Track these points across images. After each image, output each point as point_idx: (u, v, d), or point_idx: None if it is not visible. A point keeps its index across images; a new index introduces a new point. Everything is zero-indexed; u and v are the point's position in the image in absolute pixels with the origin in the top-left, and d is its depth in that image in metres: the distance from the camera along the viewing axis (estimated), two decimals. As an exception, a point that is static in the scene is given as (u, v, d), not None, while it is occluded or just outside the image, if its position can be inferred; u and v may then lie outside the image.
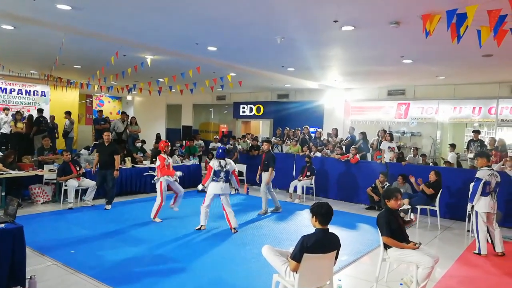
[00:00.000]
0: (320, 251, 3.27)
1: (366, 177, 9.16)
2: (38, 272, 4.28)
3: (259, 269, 4.77)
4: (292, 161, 10.69)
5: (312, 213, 3.41)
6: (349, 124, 12.92)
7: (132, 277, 4.47)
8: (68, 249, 5.31)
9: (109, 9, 5.63)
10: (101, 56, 8.85)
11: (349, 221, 7.51)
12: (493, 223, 5.80)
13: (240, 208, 8.49)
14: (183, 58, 8.80)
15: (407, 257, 4.07)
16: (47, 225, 6.59)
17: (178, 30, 6.64)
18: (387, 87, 12.62)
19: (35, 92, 15.05)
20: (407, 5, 4.82)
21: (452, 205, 7.99)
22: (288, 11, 5.29)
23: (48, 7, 5.49)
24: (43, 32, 6.97)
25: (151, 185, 9.77)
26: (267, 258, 3.63)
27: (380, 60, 8.31)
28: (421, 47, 6.94)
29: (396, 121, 12.59)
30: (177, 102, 19.29)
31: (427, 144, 12.06)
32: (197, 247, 5.71)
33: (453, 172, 8.41)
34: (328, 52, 7.79)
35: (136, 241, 5.86)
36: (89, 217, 7.21)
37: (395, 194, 4.20)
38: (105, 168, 7.92)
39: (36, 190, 8.12)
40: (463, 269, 5.23)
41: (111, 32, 6.96)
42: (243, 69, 10.13)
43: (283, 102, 15.34)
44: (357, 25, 5.74)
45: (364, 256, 5.60)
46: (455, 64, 8.50)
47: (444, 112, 11.71)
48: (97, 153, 8.24)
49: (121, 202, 8.61)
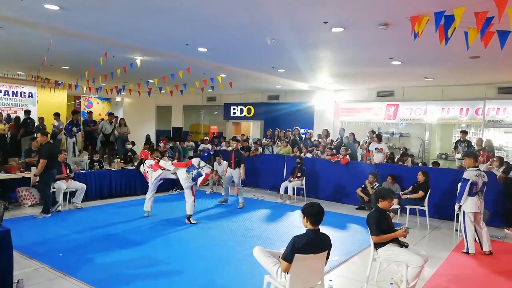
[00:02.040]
0: (311, 251, 3.28)
1: (356, 177, 9.22)
2: (26, 276, 4.21)
3: (250, 270, 4.76)
4: (283, 162, 10.71)
5: (303, 213, 3.42)
6: (339, 125, 13.00)
7: (122, 280, 4.42)
8: (57, 252, 5.23)
9: (97, 10, 5.58)
10: (89, 57, 8.75)
11: (339, 222, 7.55)
12: (481, 222, 5.88)
13: (229, 210, 8.48)
14: (173, 59, 8.75)
15: (397, 256, 4.11)
16: (34, 228, 6.48)
17: (168, 31, 6.60)
18: (376, 89, 12.74)
19: (22, 93, 14.81)
20: (396, 7, 4.87)
21: (441, 205, 8.08)
22: (278, 12, 5.30)
23: (35, 7, 5.42)
24: (31, 32, 6.87)
25: (141, 187, 9.74)
26: (258, 259, 3.63)
27: (369, 61, 8.38)
28: (409, 48, 7.02)
29: (385, 122, 12.70)
30: (167, 104, 19.18)
31: (416, 145, 12.19)
32: (187, 249, 5.69)
33: (441, 173, 8.51)
34: (318, 53, 7.83)
35: (125, 243, 5.80)
36: (78, 220, 7.11)
37: (391, 195, 4.25)
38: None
39: (23, 193, 8.00)
40: (452, 268, 5.29)
41: (100, 32, 6.89)
42: (233, 70, 10.12)
43: (273, 103, 15.37)
44: (347, 27, 5.78)
45: (354, 256, 5.63)
46: (443, 66, 8.61)
47: (432, 113, 11.86)
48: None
49: (110, 205, 8.53)
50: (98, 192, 8.94)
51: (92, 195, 8.71)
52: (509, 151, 11.04)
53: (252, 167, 10.79)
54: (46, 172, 7.05)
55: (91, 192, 8.66)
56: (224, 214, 8.04)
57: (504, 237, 7.02)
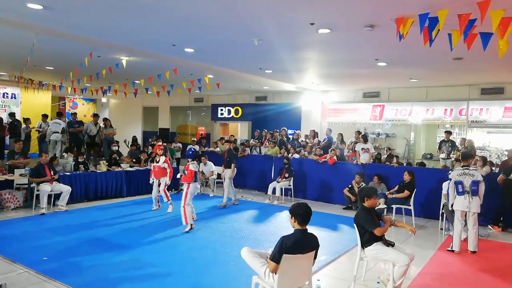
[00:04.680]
0: (299, 251, 3.29)
1: (343, 178, 9.30)
2: (9, 280, 4.12)
3: (238, 271, 4.75)
4: (271, 163, 10.73)
5: (291, 213, 3.43)
6: (326, 126, 13.09)
7: (109, 283, 4.36)
8: (41, 256, 5.13)
9: (82, 9, 5.49)
10: (74, 57, 8.61)
11: (326, 222, 7.59)
12: (471, 221, 5.88)
13: (219, 211, 8.46)
14: (159, 59, 8.68)
15: (383, 255, 4.15)
16: (18, 231, 6.35)
17: (154, 31, 6.55)
18: (362, 90, 12.86)
19: (5, 94, 14.53)
20: (381, 9, 4.93)
21: (426, 205, 8.20)
22: (265, 13, 5.31)
23: (18, 6, 5.32)
24: (13, 32, 6.74)
25: (128, 189, 9.64)
26: (246, 260, 3.62)
27: (355, 62, 8.46)
28: (395, 50, 7.11)
29: (372, 123, 12.83)
30: (154, 105, 19.03)
31: (402, 145, 12.35)
32: (175, 251, 5.64)
33: (426, 172, 8.64)
34: (305, 54, 7.87)
35: (111, 246, 5.73)
36: (63, 223, 6.99)
37: (375, 193, 4.29)
38: None
39: (6, 196, 7.82)
40: (438, 267, 5.37)
41: (85, 32, 6.79)
42: (221, 71, 10.10)
43: (261, 104, 15.39)
44: (333, 28, 5.82)
45: (342, 255, 5.67)
46: (428, 67, 8.75)
47: (417, 113, 12.03)
48: None
49: (96, 207, 8.41)
50: (83, 194, 8.80)
51: (77, 197, 8.58)
52: (491, 151, 11.28)
53: (240, 168, 10.74)
54: None
55: (76, 195, 8.53)
56: (211, 215, 8.01)
57: (488, 235, 7.16)
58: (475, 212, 5.84)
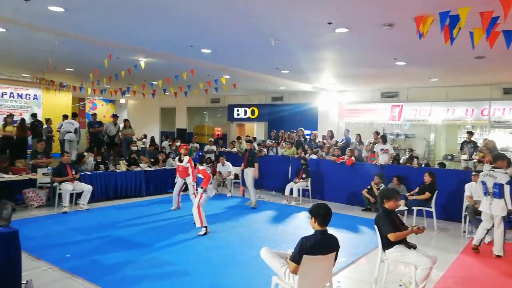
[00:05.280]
0: (319, 252, 3.27)
1: (361, 179, 9.19)
2: (34, 276, 4.20)
3: (257, 271, 4.74)
4: (288, 164, 10.70)
5: (311, 214, 3.41)
6: (343, 126, 12.98)
7: (128, 281, 4.43)
8: (64, 253, 5.24)
9: (101, 12, 5.59)
10: (94, 59, 8.78)
11: (345, 223, 7.51)
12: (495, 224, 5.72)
13: (236, 211, 8.48)
14: (177, 60, 8.77)
15: (405, 258, 4.08)
16: (41, 229, 6.50)
17: (171, 33, 6.61)
18: (380, 90, 12.71)
19: (27, 95, 14.91)
20: (400, 8, 4.85)
21: (448, 207, 8.04)
22: (281, 13, 5.30)
23: (40, 9, 5.44)
24: (35, 34, 6.91)
25: (146, 188, 9.76)
26: (266, 260, 3.62)
27: (373, 62, 8.37)
28: (414, 49, 7.00)
29: (390, 123, 12.67)
30: (171, 105, 19.24)
31: (421, 146, 12.15)
32: (193, 250, 5.68)
33: (448, 174, 8.47)
34: (322, 54, 7.82)
35: (131, 244, 5.81)
36: (84, 221, 7.13)
37: (395, 195, 4.22)
38: None
39: (30, 194, 8.03)
40: (461, 270, 5.26)
41: (104, 34, 6.91)
42: (237, 72, 10.14)
43: (277, 105, 15.38)
44: (351, 27, 5.77)
45: (361, 257, 5.60)
46: (448, 66, 8.58)
47: (437, 114, 11.81)
48: None
49: (116, 206, 8.55)
50: (103, 193, 8.95)
51: (98, 196, 8.73)
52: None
53: (256, 168, 10.77)
54: None
55: (96, 194, 8.67)
56: (229, 215, 8.03)
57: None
58: (499, 215, 5.68)
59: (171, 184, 9.07)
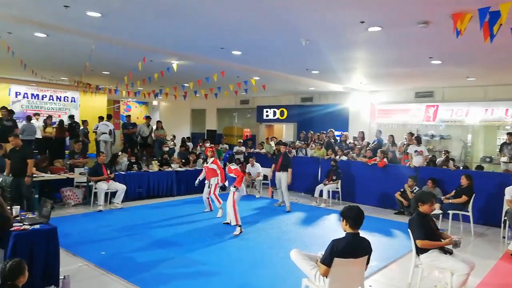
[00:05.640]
0: (351, 255, 3.21)
1: (394, 181, 8.96)
2: (71, 272, 4.37)
3: (287, 273, 4.72)
4: (317, 165, 10.59)
5: (342, 216, 3.35)
6: (374, 127, 12.70)
7: (161, 280, 4.52)
8: (99, 250, 5.43)
9: (136, 16, 5.75)
10: (129, 62, 9.04)
11: (377, 226, 7.34)
12: None
13: (265, 212, 8.48)
14: (208, 62, 8.89)
15: (441, 263, 3.94)
16: (78, 226, 6.76)
17: (203, 36, 6.70)
18: (414, 89, 12.34)
19: (65, 98, 15.56)
20: (436, 4, 4.69)
21: (486, 211, 7.69)
22: (313, 13, 5.25)
23: (79, 14, 5.66)
24: (74, 39, 7.18)
25: (177, 188, 9.94)
26: (296, 262, 3.59)
27: (407, 61, 8.14)
28: (451, 47, 6.75)
29: (424, 124, 12.27)
30: (201, 107, 19.50)
31: (458, 147, 11.70)
32: (225, 251, 5.73)
33: (486, 177, 8.11)
34: (353, 54, 7.69)
35: (164, 243, 5.93)
36: (118, 220, 7.35)
37: (431, 198, 4.08)
38: (18, 176, 6.62)
39: (67, 193, 8.37)
40: (499, 277, 5.02)
41: (139, 38, 7.10)
42: (267, 73, 10.14)
43: (307, 106, 15.25)
44: (384, 26, 5.64)
45: (393, 262, 5.46)
46: (487, 65, 8.21)
47: (474, 114, 11.32)
48: (8, 160, 6.91)
49: (148, 205, 8.76)
50: (137, 193, 9.19)
51: (131, 195, 8.97)
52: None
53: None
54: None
55: (130, 193, 8.92)
56: (259, 217, 8.04)
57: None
58: None
59: (202, 184, 9.17)
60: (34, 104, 14.71)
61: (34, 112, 13.32)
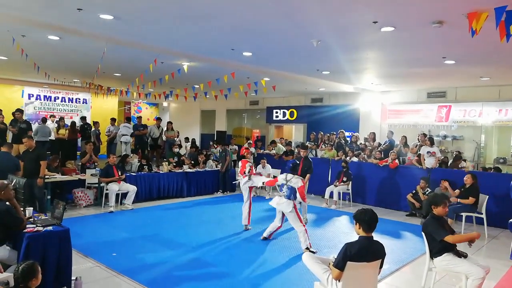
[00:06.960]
0: (364, 259, 3.16)
1: (406, 182, 8.86)
2: (83, 273, 4.40)
3: (298, 276, 4.69)
4: (328, 166, 10.52)
5: (355, 220, 3.31)
6: (386, 128, 12.57)
7: (172, 281, 4.52)
8: (110, 252, 5.45)
9: (148, 19, 5.78)
10: (140, 64, 9.10)
11: (389, 229, 7.25)
12: None
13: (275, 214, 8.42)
14: (218, 64, 8.90)
15: (455, 267, 3.87)
16: (89, 228, 6.81)
17: (213, 37, 6.71)
18: (426, 89, 12.19)
19: (77, 99, 15.73)
20: (451, 4, 4.62)
21: (500, 213, 7.54)
22: (325, 14, 5.21)
23: (91, 17, 5.71)
24: (86, 41, 7.25)
25: (188, 190, 9.96)
26: (308, 266, 3.56)
27: (420, 61, 8.04)
28: (465, 47, 6.65)
29: (436, 125, 12.10)
30: (211, 108, 19.54)
31: (470, 148, 11.51)
32: (235, 253, 5.71)
33: (500, 178, 7.96)
34: (365, 54, 7.62)
35: (175, 245, 5.93)
36: (129, 221, 7.39)
37: (444, 200, 4.01)
38: (31, 177, 6.57)
39: (79, 194, 8.44)
40: (516, 282, 4.91)
41: (150, 40, 7.15)
42: (277, 74, 10.11)
43: (317, 106, 15.17)
44: (397, 26, 5.57)
45: (406, 265, 5.39)
46: (502, 64, 8.07)
47: (488, 114, 11.13)
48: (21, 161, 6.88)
49: (159, 206, 8.78)
50: (147, 194, 9.23)
51: (141, 197, 9.01)
52: None
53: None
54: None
55: (140, 194, 8.96)
56: (269, 219, 7.99)
57: None
58: None
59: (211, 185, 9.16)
60: (47, 106, 14.92)
61: (49, 114, 13.49)
